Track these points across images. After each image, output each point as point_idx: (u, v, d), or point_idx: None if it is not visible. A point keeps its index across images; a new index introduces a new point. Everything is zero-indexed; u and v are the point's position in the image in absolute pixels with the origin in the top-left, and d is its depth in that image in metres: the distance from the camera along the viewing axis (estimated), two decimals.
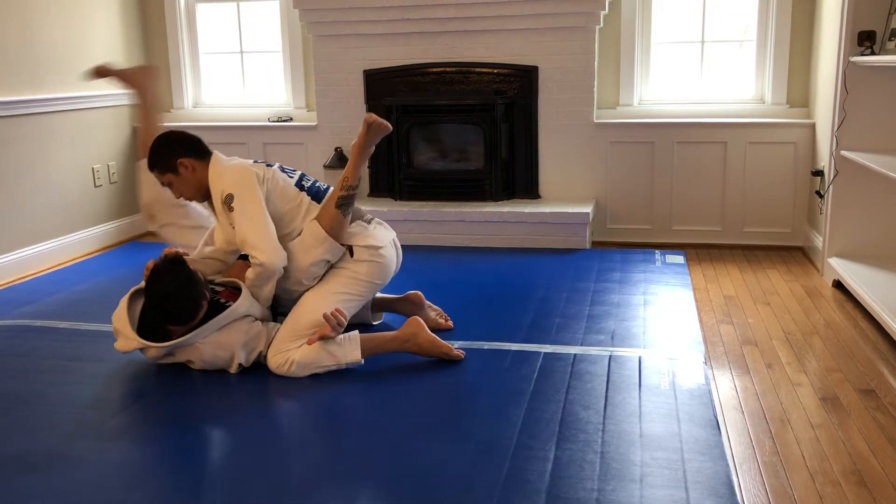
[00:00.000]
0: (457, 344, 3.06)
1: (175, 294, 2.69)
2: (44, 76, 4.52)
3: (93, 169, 4.93)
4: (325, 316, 2.75)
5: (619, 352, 2.98)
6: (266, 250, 2.77)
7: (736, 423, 2.44)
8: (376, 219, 3.15)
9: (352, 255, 2.94)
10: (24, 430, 2.45)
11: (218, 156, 2.97)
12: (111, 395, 2.71)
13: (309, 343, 2.77)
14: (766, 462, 2.20)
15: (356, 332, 2.88)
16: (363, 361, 2.85)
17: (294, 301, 2.93)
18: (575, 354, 2.95)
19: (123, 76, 3.50)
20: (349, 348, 2.81)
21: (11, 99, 4.27)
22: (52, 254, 4.55)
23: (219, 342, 2.78)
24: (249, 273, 2.85)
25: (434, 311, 3.31)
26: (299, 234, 2.91)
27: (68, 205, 4.72)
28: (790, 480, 2.10)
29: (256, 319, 2.88)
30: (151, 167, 2.96)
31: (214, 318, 2.74)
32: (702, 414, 2.44)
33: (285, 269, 2.85)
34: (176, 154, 2.90)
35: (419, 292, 3.29)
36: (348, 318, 2.85)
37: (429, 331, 2.92)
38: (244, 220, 2.80)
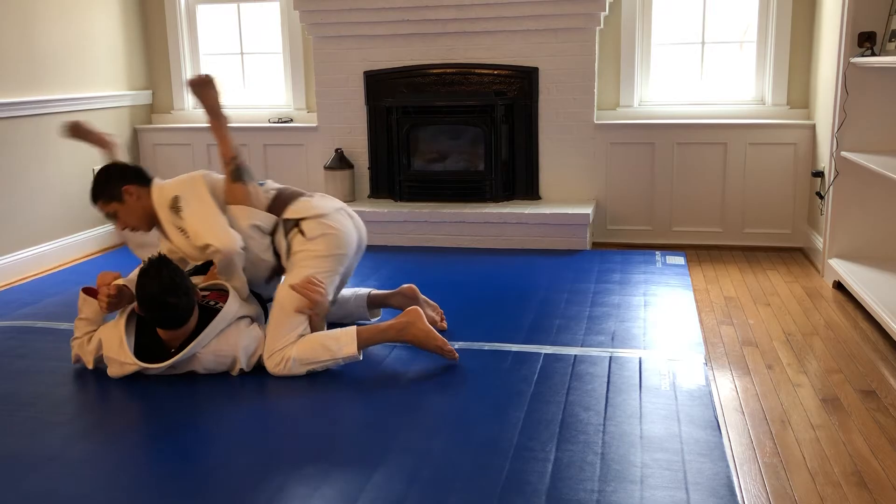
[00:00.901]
0: (457, 345, 3.06)
1: (168, 288, 2.63)
2: (43, 77, 4.52)
3: (93, 170, 4.93)
4: (294, 288, 2.75)
5: (620, 353, 2.97)
6: (218, 236, 2.78)
7: (736, 424, 2.44)
8: (320, 193, 3.13)
9: (304, 235, 2.92)
10: (24, 432, 2.45)
11: (159, 180, 2.98)
12: (111, 396, 2.71)
13: (312, 321, 2.77)
14: (766, 463, 2.19)
15: (352, 326, 2.88)
16: (360, 357, 2.85)
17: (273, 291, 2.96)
18: (575, 355, 2.95)
19: (93, 139, 3.48)
20: (345, 341, 2.80)
21: (11, 100, 4.27)
22: (51, 255, 4.55)
23: (218, 349, 2.77)
24: (215, 267, 2.86)
25: (430, 307, 3.28)
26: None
27: (68, 206, 4.72)
28: (791, 481, 2.10)
29: (253, 321, 2.88)
30: (95, 198, 2.92)
31: (210, 323, 2.74)
32: (702, 415, 2.44)
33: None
34: (120, 182, 2.89)
35: (413, 286, 3.26)
36: (327, 289, 2.84)
37: (426, 321, 2.90)
38: (192, 216, 2.81)
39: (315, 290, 2.77)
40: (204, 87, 3.08)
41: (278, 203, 2.99)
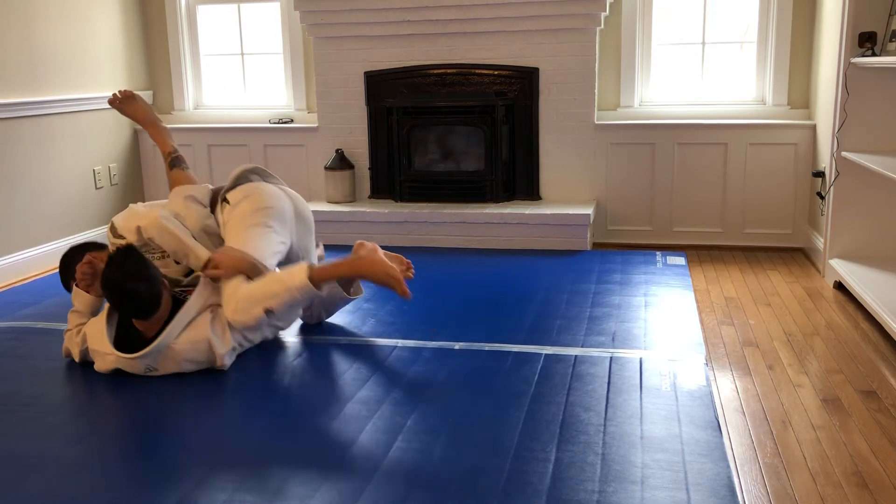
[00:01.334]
0: (458, 345, 3.07)
1: (131, 275, 2.66)
2: (44, 78, 4.53)
3: (94, 171, 4.93)
4: (206, 271, 2.82)
5: (620, 353, 2.97)
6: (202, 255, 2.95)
7: (737, 424, 2.43)
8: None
9: (229, 203, 3.00)
10: (23, 432, 2.45)
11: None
12: (111, 397, 2.71)
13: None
14: (767, 463, 2.19)
15: (304, 262, 2.87)
16: (322, 292, 2.84)
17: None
18: (576, 356, 2.95)
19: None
20: (295, 271, 2.75)
21: (12, 101, 4.27)
22: (52, 256, 4.54)
23: (189, 338, 2.78)
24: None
25: (395, 259, 3.18)
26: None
27: (69, 207, 4.72)
28: (791, 482, 2.10)
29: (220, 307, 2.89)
30: (69, 286, 3.04)
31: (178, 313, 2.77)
32: (703, 415, 2.44)
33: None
34: (79, 258, 2.97)
35: (367, 243, 3.05)
36: (262, 245, 2.86)
37: (383, 255, 2.87)
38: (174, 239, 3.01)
39: (218, 267, 2.79)
40: (126, 103, 3.44)
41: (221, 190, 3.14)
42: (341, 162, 4.99)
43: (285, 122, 5.25)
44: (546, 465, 2.15)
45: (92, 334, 2.86)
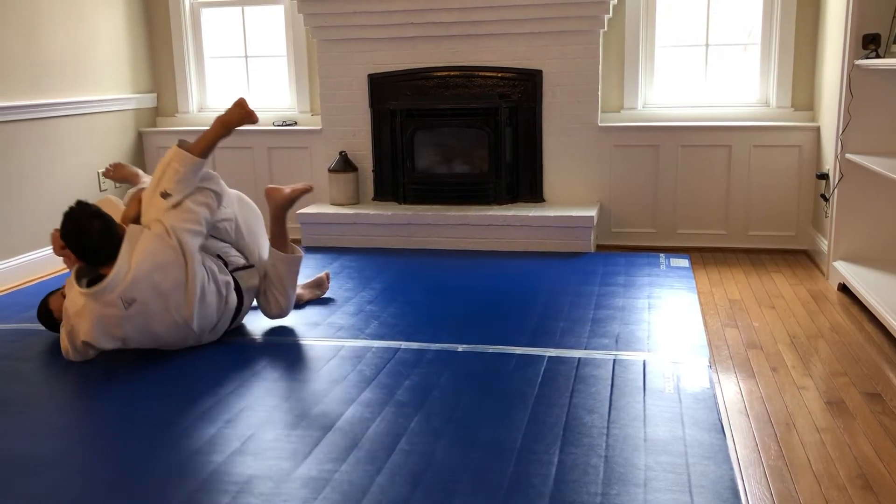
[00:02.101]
0: (461, 348, 3.07)
1: (91, 213, 2.90)
2: (48, 81, 4.54)
3: (98, 173, 4.94)
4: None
5: (624, 356, 2.97)
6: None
7: (741, 426, 2.43)
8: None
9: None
10: (27, 435, 2.45)
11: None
12: (116, 400, 2.71)
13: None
14: (771, 466, 2.19)
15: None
16: (196, 155, 3.07)
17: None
18: (579, 358, 2.95)
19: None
20: (171, 153, 3.07)
21: (17, 104, 4.28)
22: (56, 258, 4.54)
23: (145, 250, 2.89)
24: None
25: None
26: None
27: None
28: (796, 485, 2.09)
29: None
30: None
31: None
32: (706, 418, 2.43)
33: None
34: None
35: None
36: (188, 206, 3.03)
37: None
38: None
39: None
40: (118, 171, 3.68)
41: None
42: (345, 164, 4.99)
43: (289, 125, 5.26)
44: (549, 468, 2.15)
45: (69, 299, 2.92)
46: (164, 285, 2.90)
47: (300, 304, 3.65)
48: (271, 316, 3.40)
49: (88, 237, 2.87)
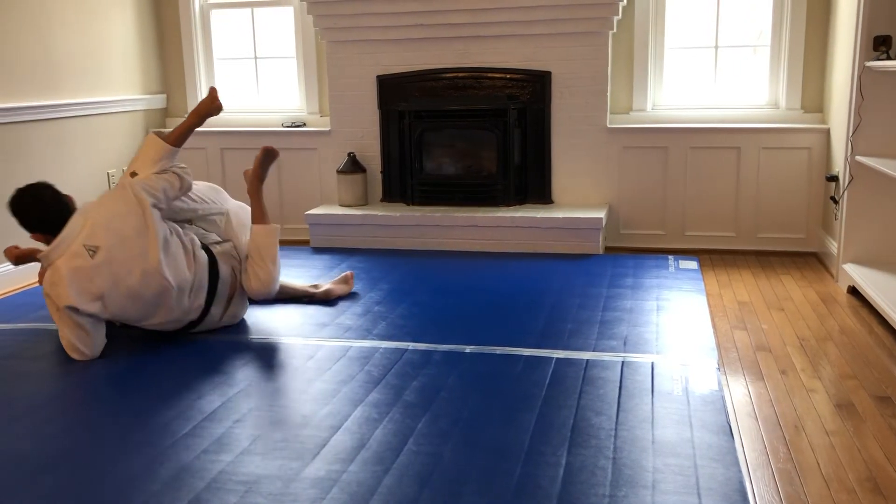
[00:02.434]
0: (469, 349, 3.07)
1: (42, 185, 3.16)
2: (60, 82, 4.56)
3: (108, 174, 4.96)
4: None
5: (632, 357, 2.96)
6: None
7: (750, 429, 2.42)
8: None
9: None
10: (38, 433, 2.47)
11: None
12: (127, 398, 2.72)
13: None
14: (780, 469, 2.18)
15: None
16: (169, 143, 3.25)
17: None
18: (587, 360, 2.94)
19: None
20: (150, 141, 3.27)
21: (28, 104, 4.31)
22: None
23: (104, 205, 3.06)
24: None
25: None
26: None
27: None
28: (805, 487, 2.08)
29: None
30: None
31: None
32: (715, 420, 2.43)
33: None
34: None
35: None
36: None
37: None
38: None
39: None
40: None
41: None
42: (353, 165, 5.00)
43: (298, 126, 5.27)
44: (557, 469, 2.15)
45: (45, 282, 3.00)
46: (124, 231, 3.00)
47: (332, 300, 3.72)
48: (252, 292, 3.33)
49: (43, 201, 3.10)
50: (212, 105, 3.43)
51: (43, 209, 3.11)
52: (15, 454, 2.33)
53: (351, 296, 3.83)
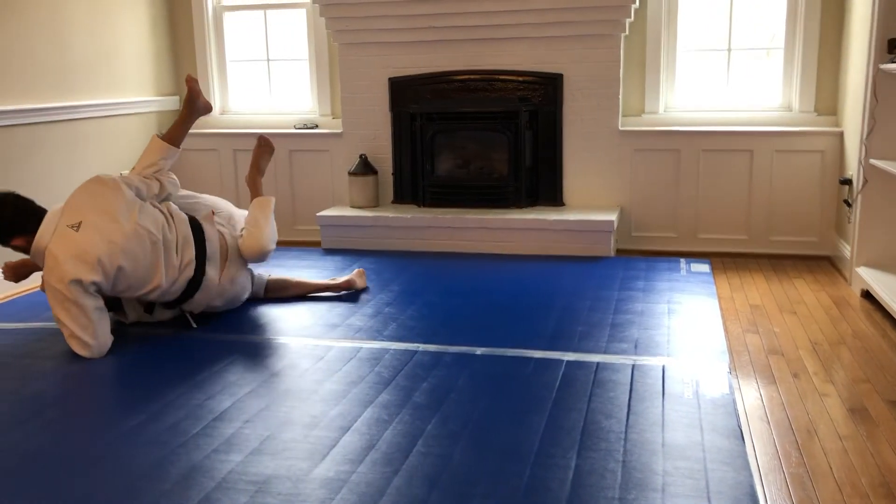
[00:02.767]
0: (479, 350, 3.06)
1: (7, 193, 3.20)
2: (73, 84, 4.60)
3: (121, 174, 4.98)
4: None
5: (643, 361, 2.95)
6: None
7: (761, 433, 2.41)
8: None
9: None
10: (53, 431, 2.48)
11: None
12: (142, 396, 2.73)
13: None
14: (792, 473, 2.16)
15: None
16: (171, 144, 3.50)
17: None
18: (598, 363, 2.94)
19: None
20: (152, 144, 3.51)
21: (42, 106, 4.34)
22: None
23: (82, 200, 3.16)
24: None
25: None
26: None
27: None
28: (817, 492, 2.07)
29: None
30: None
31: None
32: (725, 424, 2.41)
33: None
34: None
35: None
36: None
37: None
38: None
39: None
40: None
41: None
42: (365, 167, 5.01)
43: (310, 128, 5.29)
44: (566, 472, 2.14)
45: (44, 282, 3.06)
46: (99, 203, 3.13)
47: (352, 291, 3.89)
48: (246, 251, 3.48)
49: (7, 201, 3.14)
50: (201, 101, 3.63)
51: (12, 207, 3.16)
52: (27, 452, 2.34)
53: (362, 297, 3.83)
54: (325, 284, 3.87)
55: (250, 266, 3.64)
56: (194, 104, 3.61)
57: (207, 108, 3.69)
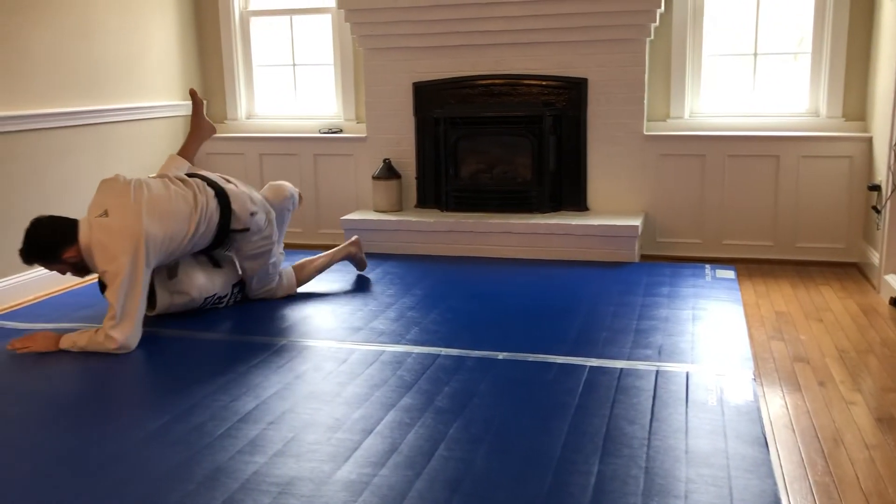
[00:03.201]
0: (502, 355, 3.06)
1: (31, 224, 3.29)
2: (103, 87, 4.66)
3: (148, 177, 5.04)
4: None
5: (667, 367, 2.94)
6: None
7: (786, 441, 2.38)
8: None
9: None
10: (79, 432, 2.52)
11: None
12: (160, 397, 2.76)
13: None
14: (817, 482, 2.14)
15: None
16: (184, 157, 3.79)
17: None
18: (621, 369, 2.92)
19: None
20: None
21: (73, 109, 4.41)
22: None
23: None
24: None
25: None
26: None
27: None
28: (843, 502, 2.04)
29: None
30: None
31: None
32: (750, 431, 2.39)
33: None
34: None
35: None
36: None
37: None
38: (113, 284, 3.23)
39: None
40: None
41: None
42: (389, 171, 5.03)
43: (335, 132, 5.32)
44: (588, 478, 2.14)
45: (106, 283, 3.20)
46: (116, 188, 3.34)
47: (359, 260, 4.30)
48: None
49: (33, 227, 3.25)
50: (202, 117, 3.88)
51: (48, 226, 3.27)
52: (53, 452, 2.38)
53: (385, 301, 3.85)
54: (330, 258, 4.14)
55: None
56: (198, 119, 3.88)
57: (211, 131, 3.95)
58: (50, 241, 3.24)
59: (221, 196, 3.52)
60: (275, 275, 3.84)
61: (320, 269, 4.11)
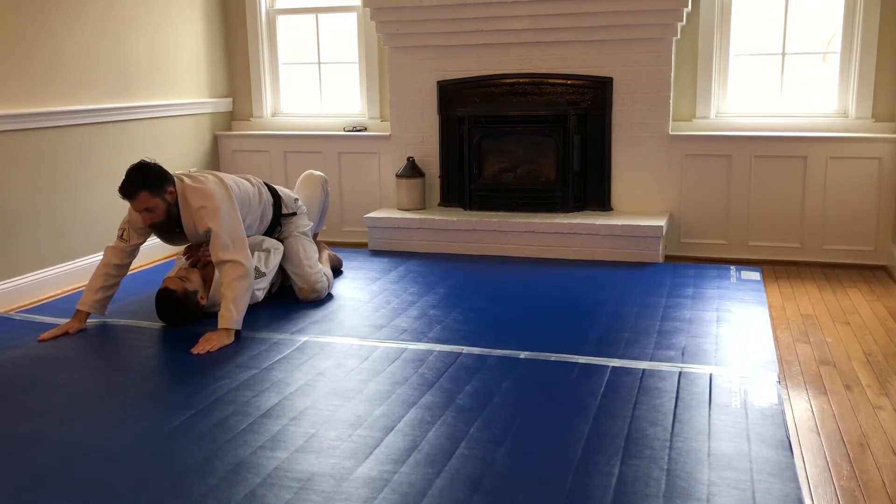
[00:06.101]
0: (524, 355, 3.06)
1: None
2: (130, 85, 4.72)
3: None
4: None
5: (690, 368, 2.91)
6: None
7: (811, 445, 2.36)
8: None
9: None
10: (103, 426, 2.55)
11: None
12: (185, 393, 2.79)
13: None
14: (843, 487, 2.12)
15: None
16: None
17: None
18: (644, 370, 2.91)
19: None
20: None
21: (101, 106, 4.47)
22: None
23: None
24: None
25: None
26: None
27: None
28: None
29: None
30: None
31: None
32: (773, 434, 2.37)
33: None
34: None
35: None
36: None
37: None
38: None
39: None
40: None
41: None
42: (412, 170, 5.03)
43: (359, 131, 5.34)
44: (609, 479, 2.13)
45: (215, 263, 3.43)
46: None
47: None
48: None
49: (142, 162, 3.39)
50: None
51: (153, 164, 3.42)
52: (78, 445, 2.41)
53: (407, 299, 3.86)
54: (322, 251, 4.27)
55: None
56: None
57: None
58: (160, 171, 3.40)
59: (269, 188, 3.90)
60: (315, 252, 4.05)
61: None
